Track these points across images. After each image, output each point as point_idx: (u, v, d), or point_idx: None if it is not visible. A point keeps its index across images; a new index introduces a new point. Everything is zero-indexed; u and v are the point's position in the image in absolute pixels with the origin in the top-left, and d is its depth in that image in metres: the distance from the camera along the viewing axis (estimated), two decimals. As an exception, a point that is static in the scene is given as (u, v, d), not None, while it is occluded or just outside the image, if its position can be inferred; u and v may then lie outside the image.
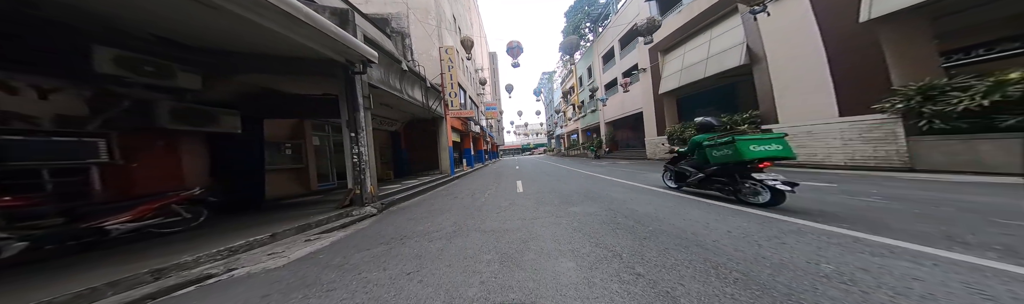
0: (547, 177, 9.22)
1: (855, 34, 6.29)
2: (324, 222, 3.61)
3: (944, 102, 4.82)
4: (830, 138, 6.88)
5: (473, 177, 11.29)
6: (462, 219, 3.89)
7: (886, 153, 5.92)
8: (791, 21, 7.61)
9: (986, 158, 4.60)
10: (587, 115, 27.67)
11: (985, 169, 4.61)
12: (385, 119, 9.64)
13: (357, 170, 4.28)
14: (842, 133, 6.63)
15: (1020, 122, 4.17)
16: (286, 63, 4.03)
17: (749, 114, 9.30)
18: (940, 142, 5.12)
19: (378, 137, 10.29)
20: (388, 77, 6.46)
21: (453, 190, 7.38)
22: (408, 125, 12.13)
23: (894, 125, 5.72)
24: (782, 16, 7.73)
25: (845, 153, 6.62)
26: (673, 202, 4.11)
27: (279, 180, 6.18)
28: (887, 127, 5.84)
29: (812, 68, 7.23)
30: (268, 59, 3.87)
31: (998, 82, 4.35)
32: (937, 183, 4.40)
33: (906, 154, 5.63)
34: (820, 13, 7.01)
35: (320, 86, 5.47)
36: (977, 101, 4.43)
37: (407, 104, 8.35)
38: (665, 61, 13.99)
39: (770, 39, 8.40)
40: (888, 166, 5.90)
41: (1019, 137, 4.19)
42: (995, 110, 4.36)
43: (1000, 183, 4.09)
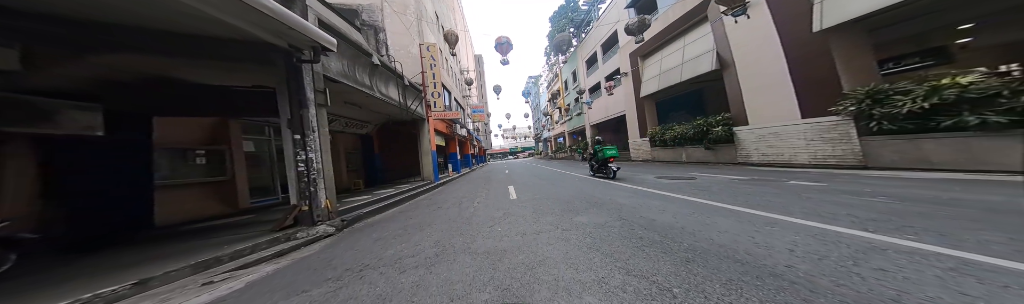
0: (540, 181, 8.58)
1: (810, 42, 6.78)
2: (245, 252, 2.68)
3: (890, 105, 5.25)
4: (795, 139, 7.33)
5: (460, 183, 10.42)
6: (447, 236, 3.13)
7: (843, 152, 6.34)
8: (755, 29, 8.12)
9: (930, 156, 5.02)
10: (573, 118, 27.40)
11: (930, 166, 5.03)
12: (353, 120, 8.65)
13: (304, 181, 3.40)
14: (805, 134, 7.08)
15: (956, 123, 4.55)
16: (193, 43, 3.05)
17: (722, 117, 9.65)
18: (889, 141, 5.55)
19: (344, 141, 9.27)
20: (354, 71, 5.61)
21: (437, 199, 6.53)
22: (383, 127, 11.14)
23: (848, 126, 6.17)
24: (747, 25, 8.29)
25: (809, 152, 7.05)
26: (689, 208, 3.60)
27: (186, 198, 4.70)
28: (842, 128, 6.28)
29: (776, 73, 7.66)
30: (163, 36, 2.91)
31: (933, 87, 4.81)
32: (910, 180, 4.47)
33: (860, 153, 6.02)
34: (780, 23, 7.52)
35: (250, 76, 4.16)
36: (918, 104, 4.87)
37: (380, 103, 7.48)
38: (644, 66, 14.44)
39: (737, 46, 8.89)
40: (846, 164, 6.29)
41: (957, 136, 4.65)
42: (934, 112, 4.80)
43: (966, 179, 4.21)
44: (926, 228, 2.30)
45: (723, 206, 3.56)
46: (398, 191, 7.23)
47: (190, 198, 4.69)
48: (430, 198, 6.92)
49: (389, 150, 12.21)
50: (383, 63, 6.86)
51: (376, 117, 9.39)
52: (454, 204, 5.43)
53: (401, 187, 8.18)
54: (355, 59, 5.66)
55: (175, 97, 4.12)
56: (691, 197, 4.29)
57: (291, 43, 3.51)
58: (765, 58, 7.88)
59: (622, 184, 6.34)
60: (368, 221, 4.49)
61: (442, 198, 6.64)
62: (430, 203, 5.98)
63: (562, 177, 9.34)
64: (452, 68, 20.22)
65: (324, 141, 3.88)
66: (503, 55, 16.11)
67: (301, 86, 3.55)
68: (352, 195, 6.80)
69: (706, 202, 3.87)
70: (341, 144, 8.94)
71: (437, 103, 11.19)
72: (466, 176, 14.50)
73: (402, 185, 8.87)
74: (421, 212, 4.91)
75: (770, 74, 7.75)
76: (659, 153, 13.16)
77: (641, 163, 13.38)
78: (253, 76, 3.94)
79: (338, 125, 8.04)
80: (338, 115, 7.57)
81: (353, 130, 9.09)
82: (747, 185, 5.03)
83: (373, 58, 6.38)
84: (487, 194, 6.52)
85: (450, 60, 19.93)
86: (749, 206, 3.45)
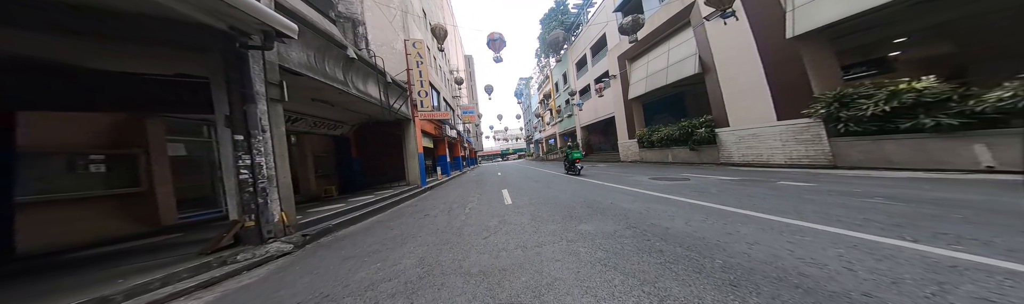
0: (535, 183, 8.11)
1: (784, 48, 6.99)
2: (152, 286, 2.05)
3: (856, 108, 5.47)
4: (772, 140, 7.52)
5: (450, 187, 9.82)
6: (433, 252, 2.61)
7: (815, 152, 6.57)
8: (735, 35, 8.25)
9: (892, 156, 5.29)
10: (564, 120, 27.14)
11: (892, 165, 5.30)
12: (323, 120, 7.89)
13: (249, 191, 2.78)
14: (780, 135, 7.29)
15: (914, 125, 4.80)
16: (83, 16, 2.40)
17: (705, 118, 9.82)
18: (855, 142, 5.81)
19: (311, 143, 8.52)
20: (323, 64, 5.01)
21: (424, 205, 5.95)
22: (363, 128, 10.43)
23: (819, 128, 6.40)
24: (727, 30, 8.37)
25: (784, 153, 7.25)
26: (699, 214, 3.28)
27: (77, 216, 3.57)
28: (813, 130, 6.52)
29: (753, 77, 7.82)
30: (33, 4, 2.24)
31: (893, 92, 5.09)
32: (884, 180, 4.54)
33: (830, 153, 6.27)
34: (756, 29, 7.70)
35: (172, 62, 3.29)
36: (880, 107, 5.12)
37: (358, 102, 6.85)
38: (632, 69, 14.52)
39: (719, 51, 9.01)
40: (818, 164, 6.50)
41: (915, 137, 4.92)
42: (895, 115, 5.05)
43: (929, 178, 4.39)
44: (960, 235, 2.11)
45: (733, 210, 3.31)
46: (378, 198, 6.60)
47: (83, 216, 3.54)
48: (416, 204, 6.33)
49: (370, 153, 11.49)
50: (360, 57, 6.26)
51: (353, 117, 8.70)
52: (443, 211, 4.87)
53: (383, 193, 7.53)
54: (325, 51, 5.05)
55: (56, 86, 3.10)
56: (695, 200, 4.03)
57: (234, 25, 2.90)
58: (744, 62, 8.04)
59: (620, 186, 5.95)
60: (339, 234, 3.87)
61: (429, 204, 6.06)
62: (416, 210, 5.39)
63: (556, 179, 8.88)
64: (441, 67, 19.63)
65: (279, 143, 3.28)
66: (496, 52, 15.59)
67: (246, 77, 2.95)
68: (322, 204, 6.13)
69: (713, 206, 3.59)
70: (308, 146, 8.17)
71: (424, 102, 10.59)
72: (457, 179, 13.89)
73: (384, 191, 8.21)
74: (404, 221, 4.32)
75: (748, 78, 7.92)
76: (647, 154, 13.10)
77: (630, 164, 13.16)
78: (176, 63, 3.16)
79: (304, 125, 7.31)
80: (304, 113, 6.87)
81: (323, 131, 8.33)
82: (741, 186, 4.91)
83: (348, 51, 5.78)
84: (480, 199, 5.97)
85: (439, 58, 19.34)
86: (759, 210, 3.22)
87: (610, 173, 9.37)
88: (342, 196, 7.73)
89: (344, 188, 9.47)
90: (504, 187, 7.92)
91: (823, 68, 6.53)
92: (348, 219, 4.51)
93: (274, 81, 3.40)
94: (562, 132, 29.01)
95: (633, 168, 10.80)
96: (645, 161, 13.21)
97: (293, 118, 6.57)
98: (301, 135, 7.91)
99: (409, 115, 10.29)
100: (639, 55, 13.70)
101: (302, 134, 7.86)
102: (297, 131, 7.43)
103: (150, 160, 4.10)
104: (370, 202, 6.04)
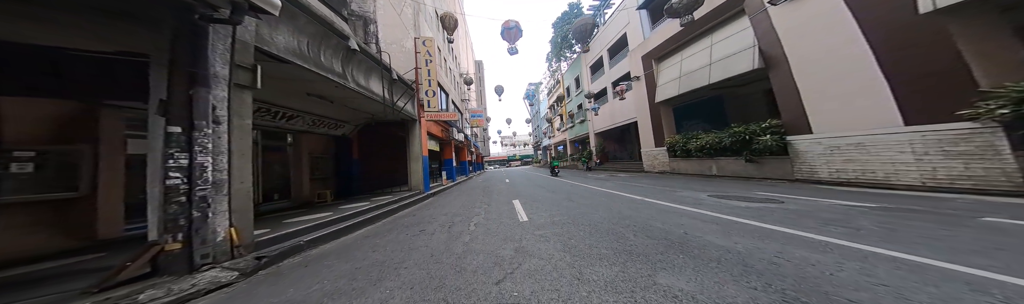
0: (551, 194, 7.11)
1: (910, 27, 5.29)
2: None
3: None
4: (893, 151, 5.60)
5: (454, 194, 9.06)
6: (418, 299, 1.83)
7: (985, 172, 4.65)
8: (816, 17, 6.75)
9: None
10: (576, 125, 26.29)
11: None
12: (323, 118, 7.25)
13: (179, 202, 2.07)
14: (912, 145, 5.36)
15: None
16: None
17: (768, 123, 7.96)
18: None
19: (310, 143, 7.87)
20: (318, 53, 4.40)
21: (423, 215, 5.19)
22: (366, 129, 9.83)
23: (992, 136, 4.51)
24: (802, 13, 6.99)
25: (921, 171, 5.29)
26: (909, 274, 1.86)
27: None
28: (982, 138, 4.61)
29: (853, 67, 6.12)
30: None
31: None
32: None
33: (1018, 173, 4.31)
34: (855, 5, 6.04)
35: (112, 36, 2.49)
36: None
37: (358, 98, 6.25)
38: (660, 69, 13.31)
39: (791, 39, 7.43)
40: (991, 189, 4.54)
41: None
42: None
43: None
44: None
45: (986, 276, 1.76)
46: (374, 205, 5.88)
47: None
48: (415, 214, 5.57)
49: (372, 155, 10.87)
50: (363, 49, 5.68)
51: (356, 116, 8.11)
52: (443, 225, 4.09)
53: (380, 199, 6.81)
54: (321, 39, 4.46)
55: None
56: (855, 243, 2.44)
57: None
58: (835, 49, 6.37)
59: (675, 206, 4.61)
60: (310, 254, 3.12)
61: (430, 214, 5.31)
62: (413, 222, 4.63)
63: (575, 189, 7.97)
64: (451, 70, 19.25)
65: (241, 139, 2.60)
66: (511, 42, 14.81)
67: (201, 55, 2.30)
68: (310, 211, 5.42)
69: (915, 259, 2.05)
70: (305, 147, 7.53)
71: (431, 103, 10.00)
72: (462, 185, 13.13)
73: (383, 197, 7.50)
74: (395, 238, 3.55)
75: (845, 69, 6.24)
76: (680, 165, 11.75)
77: (659, 175, 11.81)
78: (119, 37, 2.41)
79: (301, 123, 6.70)
80: (300, 110, 6.25)
81: (323, 130, 7.71)
82: (901, 219, 3.22)
83: (350, 42, 5.19)
84: (487, 211, 5.16)
85: (449, 61, 18.97)
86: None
87: (640, 186, 8.04)
88: (337, 202, 7.03)
89: (342, 192, 8.81)
90: (514, 197, 7.08)
91: (994, 50, 4.72)
92: (330, 233, 3.78)
93: (245, 64, 2.75)
94: (573, 139, 28.13)
95: (668, 181, 9.26)
96: (678, 172, 11.86)
97: (288, 115, 5.98)
98: (298, 134, 7.31)
99: (415, 115, 9.68)
100: (669, 54, 12.57)
101: (300, 133, 7.27)
102: (294, 130, 6.84)
103: (98, 159, 3.31)
104: (363, 210, 5.32)
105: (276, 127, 6.10)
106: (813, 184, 6.72)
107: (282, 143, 7.05)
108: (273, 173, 6.38)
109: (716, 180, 8.77)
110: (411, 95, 9.52)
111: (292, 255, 3.04)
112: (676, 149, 11.52)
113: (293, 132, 7.07)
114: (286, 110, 5.76)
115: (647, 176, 11.73)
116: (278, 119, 5.78)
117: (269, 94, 5.09)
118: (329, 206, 6.06)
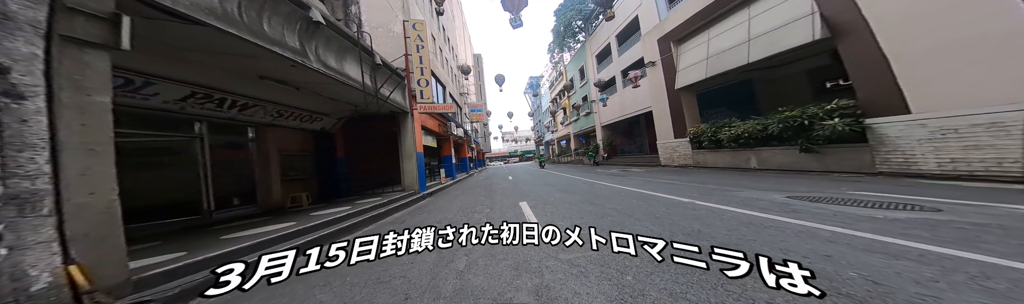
0: (566, 195, 5.92)
1: None
2: None
3: None
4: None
5: (453, 194, 8.12)
6: None
7: None
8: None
9: None
10: (580, 119, 25.13)
11: None
12: (292, 109, 6.06)
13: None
14: None
15: None
16: None
17: (836, 105, 6.46)
18: None
19: (280, 138, 6.86)
20: (258, 18, 3.37)
21: (412, 224, 4.22)
22: (351, 123, 8.83)
23: None
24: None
25: None
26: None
27: None
28: None
29: (976, 25, 4.61)
30: None
31: None
32: None
33: None
34: None
35: None
36: None
37: (333, 86, 5.23)
38: (680, 52, 11.95)
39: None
40: None
41: None
42: None
43: None
44: None
45: None
46: (356, 210, 4.93)
47: None
48: (404, 220, 4.64)
49: (361, 152, 9.91)
50: (331, 23, 4.63)
51: (337, 107, 7.09)
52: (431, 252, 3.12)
53: (366, 203, 5.86)
54: (263, 1, 3.43)
55: None
56: None
57: None
58: (951, 6, 4.88)
59: (755, 214, 3.30)
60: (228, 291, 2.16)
61: (420, 221, 4.36)
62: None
63: (593, 188, 6.85)
64: (447, 61, 18.13)
65: (79, 125, 1.63)
66: (514, 13, 13.10)
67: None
68: (272, 221, 4.46)
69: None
70: (272, 143, 6.44)
71: (424, 93, 8.98)
72: (463, 183, 12.21)
73: (371, 199, 6.56)
74: (357, 271, 2.47)
75: (962, 27, 4.77)
76: (707, 157, 10.43)
77: (681, 170, 10.39)
78: None
79: (263, 114, 5.63)
80: (257, 98, 5.18)
81: (294, 123, 6.66)
82: None
83: (311, 12, 4.15)
84: (490, 218, 4.17)
85: (445, 51, 17.80)
86: None
87: (672, 183, 6.62)
88: (314, 206, 6.09)
89: (327, 194, 7.86)
90: (521, 198, 6.03)
91: None
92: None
93: (93, 9, 1.75)
94: (577, 132, 27.02)
95: (700, 176, 7.88)
96: (704, 166, 10.46)
97: (242, 104, 4.96)
98: (263, 128, 6.30)
99: (406, 107, 8.67)
100: (691, 34, 11.30)
101: (264, 127, 6.26)
102: (255, 122, 5.82)
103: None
104: (340, 217, 4.38)
105: (228, 118, 5.08)
106: (912, 178, 5.23)
107: (241, 138, 6.01)
108: (228, 174, 5.38)
109: (760, 175, 7.44)
110: (401, 84, 8.50)
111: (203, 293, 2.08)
112: (702, 140, 10.31)
113: (254, 125, 6.05)
114: (237, 97, 4.74)
115: (668, 171, 10.53)
116: (227, 108, 4.78)
117: (204, 75, 4.09)
118: (301, 212, 5.11)
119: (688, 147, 11.28)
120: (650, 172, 10.42)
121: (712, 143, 10.06)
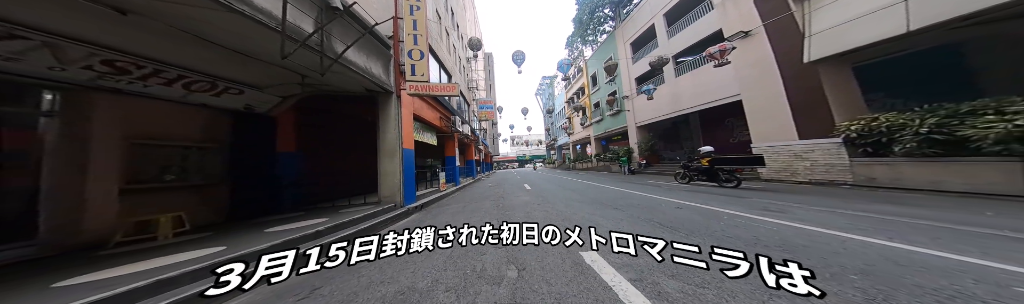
0: (665, 230, 3.10)
1: None
2: None
3: None
4: None
5: (452, 210, 5.48)
6: None
7: None
8: None
9: None
10: (605, 119, 22.15)
11: None
12: (164, 67, 3.38)
13: None
14: None
15: None
16: None
17: None
18: None
19: (158, 118, 4.07)
20: None
21: None
22: (309, 105, 6.25)
23: None
24: None
25: None
26: None
27: None
28: None
29: None
30: None
31: None
32: None
33: None
34: None
35: None
36: None
37: (221, 19, 2.69)
38: (815, 6, 7.27)
39: None
40: None
41: None
42: None
43: None
44: None
45: None
46: (234, 254, 2.31)
47: None
48: (334, 285, 1.97)
49: (322, 148, 7.34)
50: None
51: (268, 76, 4.48)
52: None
53: (287, 233, 3.22)
54: None
55: None
56: None
57: None
58: None
59: None
60: None
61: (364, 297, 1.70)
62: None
63: (656, 204, 4.15)
64: (455, 48, 15.74)
65: None
66: None
67: None
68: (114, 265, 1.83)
69: None
70: (109, 122, 3.53)
71: (417, 69, 6.41)
72: (466, 192, 9.56)
73: (310, 221, 3.93)
74: None
75: None
76: (889, 171, 5.71)
77: (830, 191, 5.70)
78: None
79: (74, 69, 2.83)
80: (100, 45, 2.66)
81: (179, 93, 3.67)
82: None
83: None
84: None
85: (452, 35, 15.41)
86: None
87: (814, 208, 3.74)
88: (182, 237, 3.34)
89: (246, 210, 4.88)
90: (573, 222, 3.23)
91: None
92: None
93: None
94: (599, 135, 24.04)
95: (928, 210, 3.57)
96: (881, 185, 5.62)
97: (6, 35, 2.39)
98: (79, 94, 3.36)
99: (390, 84, 6.12)
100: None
101: (84, 91, 3.41)
102: (52, 81, 3.12)
103: None
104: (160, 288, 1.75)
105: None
106: None
107: (16, 109, 3.17)
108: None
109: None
110: (384, 54, 6.01)
111: None
112: (880, 141, 5.80)
113: (56, 87, 3.19)
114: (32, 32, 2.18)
115: (812, 191, 5.78)
116: None
117: None
118: (180, 247, 2.47)
119: (840, 153, 6.82)
120: (778, 194, 5.55)
121: (916, 146, 5.20)
